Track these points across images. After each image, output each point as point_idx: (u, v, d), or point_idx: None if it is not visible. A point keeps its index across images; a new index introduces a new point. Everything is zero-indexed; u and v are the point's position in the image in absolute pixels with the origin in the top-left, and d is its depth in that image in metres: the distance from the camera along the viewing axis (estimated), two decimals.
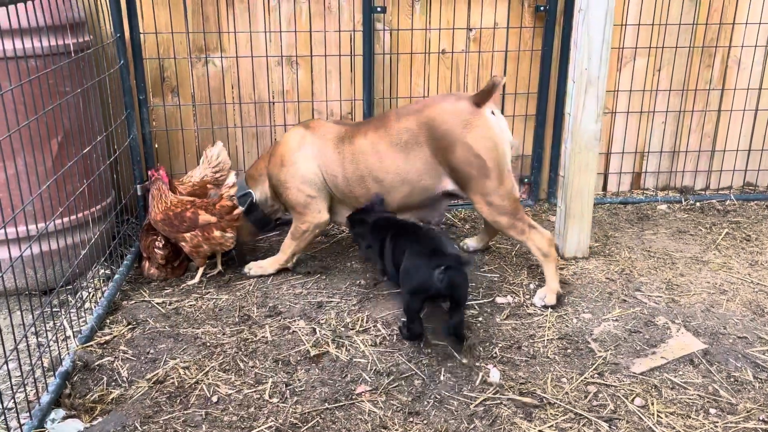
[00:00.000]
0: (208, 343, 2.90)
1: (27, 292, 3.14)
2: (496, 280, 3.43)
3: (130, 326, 3.03)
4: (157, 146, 4.09)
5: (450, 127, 3.08)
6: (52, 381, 2.56)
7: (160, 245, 3.46)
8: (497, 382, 2.62)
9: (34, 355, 2.64)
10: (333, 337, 2.93)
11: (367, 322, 3.05)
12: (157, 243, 3.46)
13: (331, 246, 3.89)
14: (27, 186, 2.95)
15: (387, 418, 2.44)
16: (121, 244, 3.73)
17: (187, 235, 3.34)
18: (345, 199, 3.37)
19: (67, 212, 3.19)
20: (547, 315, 3.10)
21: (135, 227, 4.02)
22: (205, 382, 2.65)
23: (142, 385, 2.62)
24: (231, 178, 3.39)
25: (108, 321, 3.08)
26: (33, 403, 2.46)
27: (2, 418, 2.26)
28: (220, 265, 3.53)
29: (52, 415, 2.42)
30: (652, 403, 2.52)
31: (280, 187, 3.42)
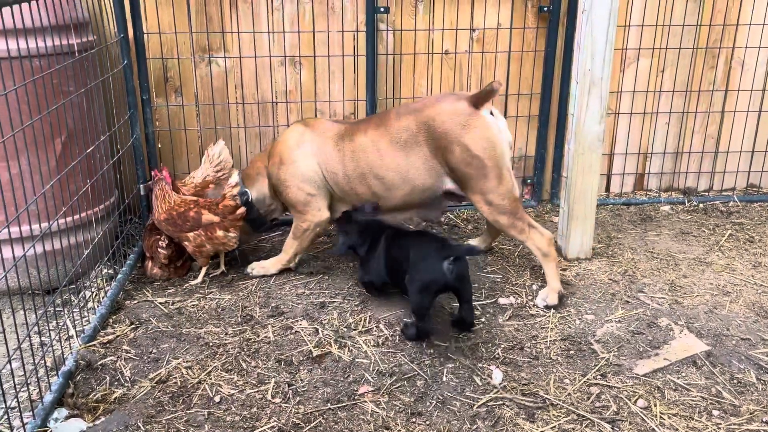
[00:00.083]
0: (211, 343, 2.90)
1: (30, 292, 3.15)
2: (499, 281, 3.43)
3: (133, 326, 3.04)
4: (160, 146, 4.10)
5: (448, 127, 3.08)
6: (55, 380, 2.57)
7: (164, 245, 3.46)
8: (500, 384, 2.62)
9: (37, 354, 2.64)
10: (335, 338, 2.93)
11: (369, 323, 3.05)
12: (160, 243, 3.46)
13: (333, 246, 3.89)
14: (30, 185, 2.96)
15: (389, 419, 2.44)
16: (124, 244, 3.73)
17: (190, 235, 3.34)
18: (345, 197, 3.37)
19: (71, 212, 3.20)
20: (549, 316, 3.10)
21: (138, 227, 4.02)
22: (207, 382, 2.65)
23: (145, 385, 2.63)
24: (234, 178, 3.39)
25: (111, 320, 3.08)
26: (36, 402, 2.46)
27: (5, 417, 2.26)
28: (223, 265, 3.53)
29: (55, 415, 2.43)
30: (655, 405, 2.51)
31: (280, 186, 3.42)
